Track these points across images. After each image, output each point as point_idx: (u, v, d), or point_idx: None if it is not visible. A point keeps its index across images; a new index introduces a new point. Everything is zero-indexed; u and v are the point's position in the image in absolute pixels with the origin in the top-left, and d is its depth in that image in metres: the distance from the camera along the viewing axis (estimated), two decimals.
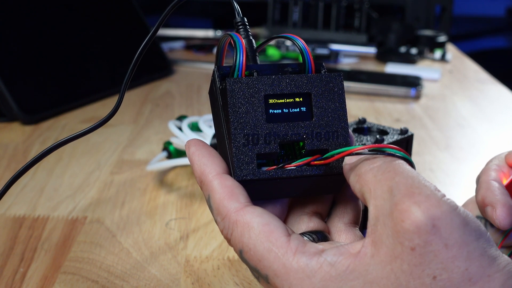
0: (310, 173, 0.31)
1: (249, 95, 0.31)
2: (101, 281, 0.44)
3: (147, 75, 0.93)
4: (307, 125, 0.31)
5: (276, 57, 1.07)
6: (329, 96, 0.32)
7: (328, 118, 0.32)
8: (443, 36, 1.19)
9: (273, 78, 0.32)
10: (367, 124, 0.52)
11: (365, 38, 1.16)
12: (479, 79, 1.04)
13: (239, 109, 0.31)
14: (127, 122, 0.76)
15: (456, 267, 0.25)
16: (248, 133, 0.31)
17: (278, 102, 0.32)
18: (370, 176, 0.28)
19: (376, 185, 0.28)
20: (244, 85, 0.31)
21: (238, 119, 0.31)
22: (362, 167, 0.29)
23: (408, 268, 0.26)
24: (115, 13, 0.96)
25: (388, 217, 0.27)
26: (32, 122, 0.74)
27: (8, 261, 0.46)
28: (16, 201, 0.55)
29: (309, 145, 0.31)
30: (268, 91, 0.31)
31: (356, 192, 0.29)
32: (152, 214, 0.54)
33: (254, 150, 0.30)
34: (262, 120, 0.31)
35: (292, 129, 0.31)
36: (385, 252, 0.26)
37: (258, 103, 0.31)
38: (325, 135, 0.32)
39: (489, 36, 1.82)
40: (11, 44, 0.78)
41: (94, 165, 0.63)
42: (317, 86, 0.32)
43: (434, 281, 0.25)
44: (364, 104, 0.87)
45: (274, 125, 0.31)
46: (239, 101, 0.31)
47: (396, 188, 0.27)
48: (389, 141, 0.48)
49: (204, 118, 0.56)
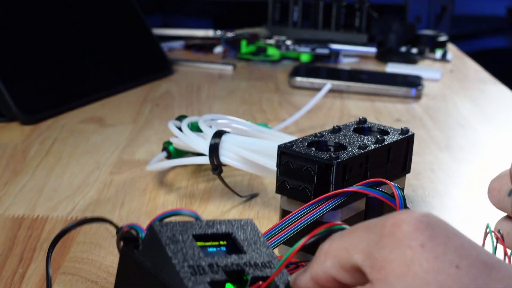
0: None
1: (179, 236, 0.32)
2: (100, 281, 0.44)
3: (147, 75, 0.93)
4: (242, 257, 0.32)
5: (276, 57, 1.07)
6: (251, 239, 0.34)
7: (258, 253, 0.33)
8: (443, 35, 1.19)
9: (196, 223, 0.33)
10: (367, 124, 0.52)
11: (365, 38, 1.16)
12: (480, 79, 1.04)
13: (175, 248, 0.31)
14: (126, 122, 0.76)
15: (469, 254, 0.26)
16: (193, 265, 0.31)
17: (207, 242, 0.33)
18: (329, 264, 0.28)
19: (342, 253, 0.28)
20: (170, 227, 0.32)
21: (177, 256, 0.31)
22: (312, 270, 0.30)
23: (428, 265, 0.25)
24: (115, 13, 0.95)
25: (381, 238, 0.27)
26: (31, 122, 0.74)
27: (7, 262, 0.46)
28: (15, 201, 0.55)
29: (252, 273, 0.32)
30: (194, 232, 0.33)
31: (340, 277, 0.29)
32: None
33: (205, 279, 0.30)
34: (201, 254, 0.31)
35: (231, 260, 0.32)
36: (397, 264, 0.26)
37: (190, 242, 0.32)
38: (262, 265, 0.32)
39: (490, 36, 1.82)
40: (10, 43, 0.78)
41: (93, 165, 0.63)
42: (238, 229, 0.34)
43: (459, 270, 0.25)
44: (364, 104, 0.87)
45: (214, 257, 0.32)
46: (171, 242, 0.31)
47: (368, 228, 0.28)
48: (390, 141, 0.48)
49: (204, 118, 0.56)
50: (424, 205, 0.57)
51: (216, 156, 0.52)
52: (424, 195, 0.59)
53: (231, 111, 0.82)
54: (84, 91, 0.82)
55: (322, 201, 0.41)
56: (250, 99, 0.87)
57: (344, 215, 0.44)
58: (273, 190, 0.58)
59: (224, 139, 0.52)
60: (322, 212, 0.41)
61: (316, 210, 0.41)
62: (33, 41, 0.80)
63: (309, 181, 0.43)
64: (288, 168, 0.45)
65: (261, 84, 0.95)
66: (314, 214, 0.41)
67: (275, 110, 0.83)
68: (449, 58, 1.14)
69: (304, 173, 0.43)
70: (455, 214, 0.56)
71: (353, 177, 0.45)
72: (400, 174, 0.50)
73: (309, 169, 0.43)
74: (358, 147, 0.46)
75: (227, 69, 1.02)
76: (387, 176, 0.48)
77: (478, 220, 0.55)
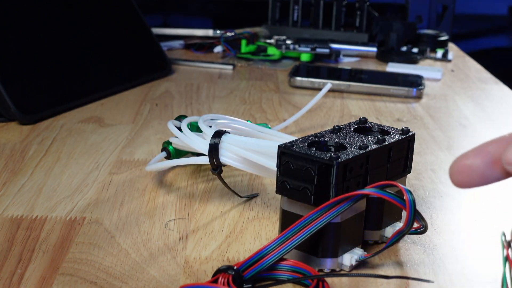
0: None
1: None
2: (99, 282, 0.43)
3: (146, 75, 0.93)
4: None
5: (276, 56, 1.07)
6: None
7: None
8: (444, 35, 1.19)
9: None
10: (368, 123, 0.52)
11: (366, 37, 1.16)
12: (481, 78, 1.04)
13: None
14: (125, 122, 0.76)
15: None
16: None
17: None
18: None
19: None
20: None
21: None
22: None
23: None
24: (114, 12, 0.95)
25: None
26: (30, 122, 0.73)
27: (6, 263, 0.45)
28: (13, 201, 0.55)
29: None
30: None
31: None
32: (151, 214, 0.53)
33: None
34: None
35: None
36: None
37: None
38: None
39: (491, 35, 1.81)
40: (8, 43, 0.77)
41: (92, 165, 0.63)
42: None
43: None
44: (365, 104, 0.87)
45: None
46: None
47: None
48: (391, 141, 0.47)
49: (203, 117, 0.56)
50: (425, 206, 0.57)
51: (216, 156, 0.51)
52: (425, 195, 0.59)
53: (230, 111, 0.82)
54: (83, 90, 0.82)
55: (335, 203, 0.42)
56: (250, 99, 0.87)
57: (344, 215, 0.44)
58: (273, 190, 0.58)
59: (224, 139, 0.51)
60: (336, 214, 0.42)
61: (330, 212, 0.41)
62: (32, 40, 0.80)
63: (310, 182, 0.43)
64: (288, 168, 0.44)
65: (261, 83, 0.95)
66: (328, 216, 0.41)
67: (275, 110, 0.82)
68: (450, 57, 1.14)
69: (305, 173, 0.43)
70: (457, 215, 0.56)
71: (354, 177, 0.44)
72: (401, 174, 0.50)
73: (310, 169, 0.43)
74: (358, 147, 0.45)
75: (227, 68, 1.01)
76: (387, 176, 0.48)
77: (480, 221, 0.55)
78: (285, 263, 0.43)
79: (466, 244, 0.51)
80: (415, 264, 0.47)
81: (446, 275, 0.46)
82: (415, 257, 0.48)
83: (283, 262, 0.43)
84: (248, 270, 0.42)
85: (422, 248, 0.49)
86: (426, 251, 0.49)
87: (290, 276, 0.43)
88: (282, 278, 0.43)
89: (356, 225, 0.46)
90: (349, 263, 0.45)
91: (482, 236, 0.52)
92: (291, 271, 0.43)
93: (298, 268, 0.43)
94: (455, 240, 0.51)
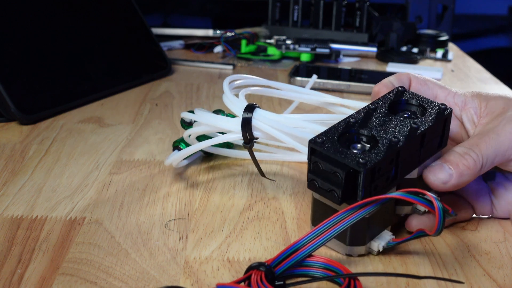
0: None
1: None
2: (99, 282, 0.43)
3: (146, 75, 0.93)
4: None
5: (276, 56, 1.07)
6: None
7: None
8: (444, 35, 1.19)
9: None
10: (405, 95, 0.49)
11: (366, 37, 1.16)
12: (481, 78, 1.04)
13: None
14: (125, 122, 0.76)
15: None
16: None
17: None
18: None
19: None
20: None
21: None
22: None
23: None
24: (114, 13, 0.95)
25: None
26: (30, 122, 0.73)
27: (6, 263, 0.45)
28: (13, 201, 0.55)
29: None
30: None
31: None
32: (151, 214, 0.53)
33: None
34: None
35: None
36: None
37: None
38: None
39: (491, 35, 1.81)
40: (8, 43, 0.77)
41: (92, 165, 0.63)
42: None
43: None
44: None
45: None
46: None
47: None
48: (425, 127, 0.46)
49: (227, 80, 0.58)
50: None
51: (249, 129, 0.52)
52: None
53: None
54: (83, 90, 0.82)
55: (363, 205, 0.43)
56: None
57: None
58: (273, 190, 0.58)
59: (255, 115, 0.52)
60: (364, 214, 0.43)
61: (358, 212, 0.43)
62: (32, 40, 0.80)
63: (337, 185, 0.43)
64: (317, 168, 0.44)
65: None
66: (356, 216, 0.43)
67: (275, 110, 0.82)
68: (450, 57, 1.14)
69: (332, 177, 0.43)
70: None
71: (383, 174, 0.44)
72: (435, 151, 0.49)
73: (337, 174, 0.43)
74: (389, 142, 0.44)
75: (227, 68, 1.01)
76: (420, 160, 0.47)
77: (484, 221, 0.55)
78: (316, 259, 0.43)
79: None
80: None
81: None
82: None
83: (313, 259, 0.43)
84: (280, 266, 0.42)
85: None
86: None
87: (322, 274, 0.43)
88: (317, 275, 0.43)
89: (386, 210, 0.46)
90: (376, 248, 0.46)
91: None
92: (323, 269, 0.43)
93: (331, 266, 0.43)
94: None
